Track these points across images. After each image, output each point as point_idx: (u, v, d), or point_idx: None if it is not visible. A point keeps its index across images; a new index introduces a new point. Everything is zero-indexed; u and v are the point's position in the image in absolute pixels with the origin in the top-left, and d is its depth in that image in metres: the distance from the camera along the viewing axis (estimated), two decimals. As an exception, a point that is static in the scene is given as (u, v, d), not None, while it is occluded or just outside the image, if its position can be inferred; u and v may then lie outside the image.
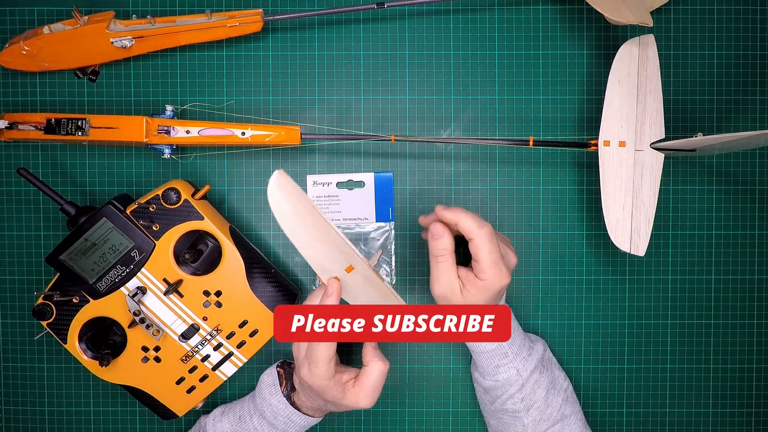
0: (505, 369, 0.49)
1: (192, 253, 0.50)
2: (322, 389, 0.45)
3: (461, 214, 0.43)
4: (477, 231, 0.43)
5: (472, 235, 0.43)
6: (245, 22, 0.52)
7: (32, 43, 0.51)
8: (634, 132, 0.51)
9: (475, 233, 0.43)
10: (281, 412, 0.49)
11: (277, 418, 0.49)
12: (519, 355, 0.49)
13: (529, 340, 0.52)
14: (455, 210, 0.44)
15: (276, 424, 0.49)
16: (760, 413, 0.57)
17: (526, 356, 0.50)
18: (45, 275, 0.56)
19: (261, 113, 0.56)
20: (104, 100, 0.56)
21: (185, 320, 0.51)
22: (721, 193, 0.57)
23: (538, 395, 0.49)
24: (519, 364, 0.49)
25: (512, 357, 0.49)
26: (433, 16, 0.56)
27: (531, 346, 0.51)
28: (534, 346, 0.51)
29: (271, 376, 0.51)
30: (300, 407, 0.49)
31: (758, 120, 0.57)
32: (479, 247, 0.43)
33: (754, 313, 0.57)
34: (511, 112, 0.56)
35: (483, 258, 0.43)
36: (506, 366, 0.49)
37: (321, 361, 0.43)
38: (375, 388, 0.45)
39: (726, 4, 0.56)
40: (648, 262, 0.57)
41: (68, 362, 0.56)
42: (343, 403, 0.45)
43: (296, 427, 0.50)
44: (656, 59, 0.51)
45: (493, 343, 0.49)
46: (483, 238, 0.43)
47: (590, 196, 0.57)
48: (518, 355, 0.49)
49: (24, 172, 0.49)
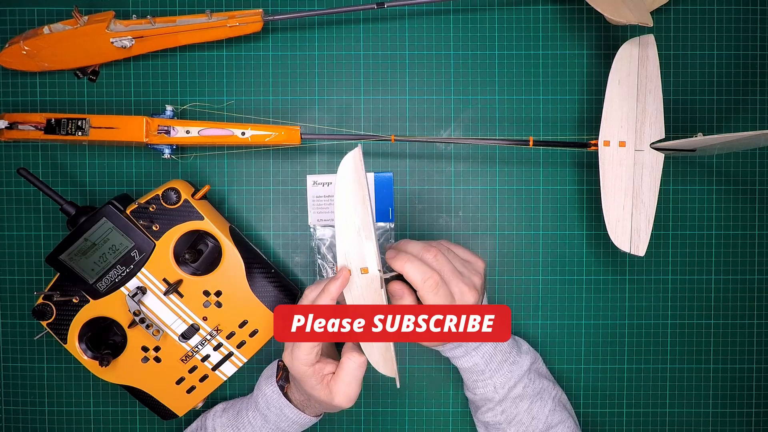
0: (482, 385, 0.49)
1: (192, 253, 0.50)
2: (301, 376, 0.44)
3: (406, 264, 0.43)
4: (421, 285, 0.43)
5: (417, 288, 0.43)
6: (245, 22, 0.52)
7: (32, 43, 0.51)
8: (634, 132, 0.51)
9: (419, 287, 0.43)
10: (273, 403, 0.49)
11: (269, 409, 0.49)
12: (498, 371, 0.48)
13: (516, 352, 0.50)
14: (401, 259, 0.43)
15: (269, 417, 0.49)
16: (760, 413, 0.57)
17: (507, 372, 0.49)
18: (45, 275, 0.56)
19: (261, 113, 0.56)
20: (104, 100, 0.56)
21: (185, 320, 0.51)
22: (721, 193, 0.57)
23: (521, 408, 0.49)
24: (498, 380, 0.48)
25: (490, 374, 0.48)
26: (433, 16, 0.56)
27: (515, 361, 0.49)
28: (519, 360, 0.50)
29: (271, 368, 0.51)
30: (292, 400, 0.49)
31: (758, 120, 0.57)
32: (425, 300, 0.43)
33: (754, 313, 0.57)
34: (511, 112, 0.56)
35: None
36: (484, 382, 0.49)
37: (303, 344, 0.43)
38: (350, 383, 0.44)
39: (726, 4, 0.56)
40: (648, 262, 0.57)
41: (68, 362, 0.56)
42: (318, 396, 0.44)
43: (288, 422, 0.49)
44: (656, 59, 0.51)
45: (470, 361, 0.48)
46: (428, 292, 0.43)
47: (590, 196, 0.56)
48: (497, 372, 0.48)
49: (24, 172, 0.49)
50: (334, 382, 0.44)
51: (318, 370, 0.44)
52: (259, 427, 0.50)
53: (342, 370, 0.44)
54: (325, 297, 0.43)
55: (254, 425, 0.50)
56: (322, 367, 0.45)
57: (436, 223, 0.57)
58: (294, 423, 0.49)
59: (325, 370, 0.45)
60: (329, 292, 0.43)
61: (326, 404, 0.45)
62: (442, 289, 0.43)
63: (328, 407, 0.46)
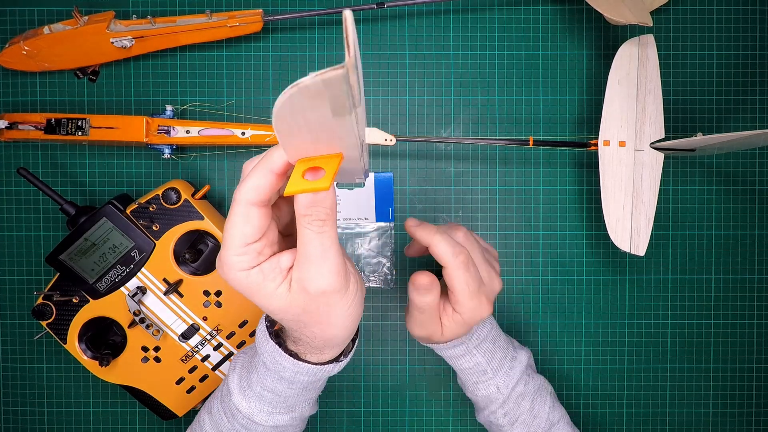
0: (484, 386, 0.45)
1: (192, 253, 0.50)
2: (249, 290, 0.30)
3: (435, 237, 0.38)
4: (452, 260, 0.37)
5: (445, 263, 0.38)
6: (245, 22, 0.52)
7: (32, 43, 0.51)
8: (634, 132, 0.51)
9: (450, 262, 0.37)
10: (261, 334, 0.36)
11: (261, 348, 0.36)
12: (500, 370, 0.45)
13: (513, 349, 0.47)
14: (428, 230, 0.38)
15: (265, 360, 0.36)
16: (760, 413, 0.57)
17: (507, 370, 0.45)
18: (45, 275, 0.56)
19: (261, 113, 0.56)
20: (104, 100, 0.56)
21: (185, 320, 0.51)
22: (721, 193, 0.57)
23: (523, 408, 0.46)
24: (500, 380, 0.45)
25: (492, 374, 0.45)
26: (433, 16, 0.56)
27: (514, 357, 0.46)
28: (517, 356, 0.46)
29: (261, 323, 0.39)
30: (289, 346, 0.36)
31: (758, 120, 0.57)
32: (454, 277, 0.38)
33: (754, 313, 0.57)
34: (511, 112, 0.56)
35: (459, 290, 0.38)
36: (486, 383, 0.45)
37: (229, 238, 0.29)
38: (321, 256, 0.29)
39: (726, 4, 0.56)
40: (648, 262, 0.57)
41: (68, 362, 0.56)
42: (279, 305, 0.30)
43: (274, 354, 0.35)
44: (656, 59, 0.51)
45: (471, 361, 0.44)
46: (458, 268, 0.38)
47: (590, 196, 0.57)
48: (498, 371, 0.45)
49: (24, 172, 0.49)
50: (297, 268, 0.30)
51: (269, 269, 0.30)
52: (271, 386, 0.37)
53: (302, 242, 0.29)
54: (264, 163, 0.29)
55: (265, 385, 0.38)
56: (277, 261, 0.30)
57: (436, 223, 0.57)
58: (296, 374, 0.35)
59: (282, 263, 0.30)
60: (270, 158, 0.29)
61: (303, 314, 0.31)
62: (473, 267, 0.38)
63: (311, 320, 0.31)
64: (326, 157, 0.26)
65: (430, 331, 0.42)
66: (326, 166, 0.26)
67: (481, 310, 0.40)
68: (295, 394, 0.38)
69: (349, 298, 0.31)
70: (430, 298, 0.39)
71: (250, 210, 0.29)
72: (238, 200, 0.29)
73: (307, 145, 0.25)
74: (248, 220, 0.29)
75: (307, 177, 0.26)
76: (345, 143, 0.25)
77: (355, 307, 0.33)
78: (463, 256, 0.38)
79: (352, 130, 0.24)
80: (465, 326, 0.41)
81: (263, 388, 0.37)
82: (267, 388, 0.37)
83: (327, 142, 0.25)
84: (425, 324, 0.42)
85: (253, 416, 0.38)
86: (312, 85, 0.21)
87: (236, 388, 0.39)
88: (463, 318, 0.40)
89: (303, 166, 0.26)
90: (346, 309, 0.32)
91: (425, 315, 0.41)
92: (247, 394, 0.38)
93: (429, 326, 0.42)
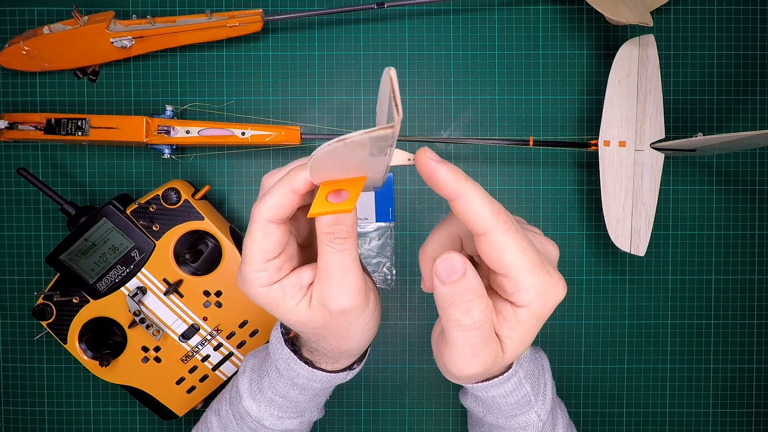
0: (524, 418, 0.34)
1: (192, 253, 0.50)
2: (269, 305, 0.29)
3: (468, 188, 0.25)
4: (491, 220, 0.25)
5: (482, 226, 0.25)
6: (245, 22, 0.52)
7: (32, 43, 0.51)
8: (634, 132, 0.51)
9: (488, 223, 0.25)
10: (275, 341, 0.36)
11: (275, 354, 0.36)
12: (539, 392, 0.34)
13: (538, 357, 0.36)
14: (457, 173, 0.25)
15: (279, 366, 0.35)
16: (760, 413, 0.57)
17: (543, 388, 0.34)
18: (45, 275, 0.56)
19: (261, 113, 0.56)
20: (104, 100, 0.56)
21: (185, 320, 0.51)
22: (721, 193, 0.57)
23: (555, 426, 0.36)
24: (539, 407, 0.34)
25: (534, 401, 0.34)
26: (433, 16, 0.56)
27: (542, 370, 0.35)
28: (543, 363, 0.36)
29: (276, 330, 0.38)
30: (304, 353, 0.35)
31: (758, 120, 0.57)
32: (502, 246, 0.25)
33: (754, 313, 0.57)
34: (511, 112, 0.56)
35: (516, 265, 0.26)
36: (526, 414, 0.34)
37: (249, 257, 0.28)
38: (342, 273, 0.28)
39: (726, 4, 0.56)
40: (648, 262, 0.57)
41: (68, 362, 0.56)
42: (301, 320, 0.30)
43: (288, 361, 0.34)
44: (656, 59, 0.51)
45: (519, 393, 0.32)
46: (507, 231, 0.25)
47: (590, 196, 0.57)
48: (538, 394, 0.34)
49: (24, 172, 0.49)
50: (318, 285, 0.29)
51: (289, 285, 0.29)
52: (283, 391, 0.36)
53: (323, 260, 0.28)
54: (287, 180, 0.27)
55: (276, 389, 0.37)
56: (297, 277, 0.29)
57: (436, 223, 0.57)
58: (295, 366, 0.34)
59: (302, 280, 0.29)
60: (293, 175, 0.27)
61: (322, 329, 0.30)
62: (520, 229, 0.26)
63: (330, 333, 0.31)
64: (350, 179, 0.26)
65: (489, 357, 0.27)
66: (350, 188, 0.25)
67: (554, 287, 0.27)
68: (307, 400, 0.37)
69: (369, 315, 0.31)
70: (466, 283, 0.26)
71: (270, 227, 0.28)
72: (257, 218, 0.28)
73: (335, 174, 0.25)
74: (268, 236, 0.28)
75: (330, 198, 0.25)
76: (373, 170, 0.25)
77: (374, 322, 0.32)
78: (505, 214, 0.26)
79: (385, 163, 0.25)
80: (536, 325, 0.27)
81: (275, 393, 0.37)
82: (279, 393, 0.37)
83: (356, 171, 0.25)
84: (479, 348, 0.27)
85: (263, 420, 0.38)
86: (359, 141, 0.21)
87: (246, 391, 0.38)
88: (531, 310, 0.27)
89: (327, 188, 0.25)
90: (365, 324, 0.31)
91: (479, 332, 0.26)
92: (258, 398, 0.38)
93: (486, 349, 0.27)
